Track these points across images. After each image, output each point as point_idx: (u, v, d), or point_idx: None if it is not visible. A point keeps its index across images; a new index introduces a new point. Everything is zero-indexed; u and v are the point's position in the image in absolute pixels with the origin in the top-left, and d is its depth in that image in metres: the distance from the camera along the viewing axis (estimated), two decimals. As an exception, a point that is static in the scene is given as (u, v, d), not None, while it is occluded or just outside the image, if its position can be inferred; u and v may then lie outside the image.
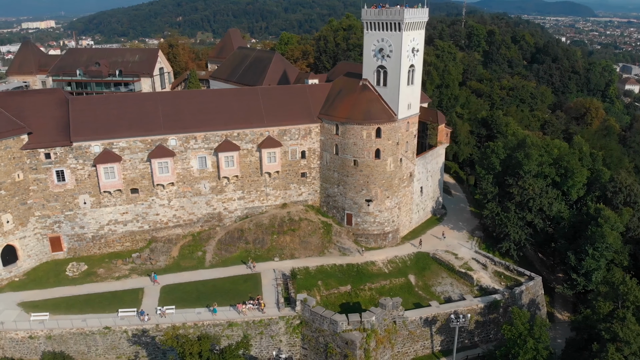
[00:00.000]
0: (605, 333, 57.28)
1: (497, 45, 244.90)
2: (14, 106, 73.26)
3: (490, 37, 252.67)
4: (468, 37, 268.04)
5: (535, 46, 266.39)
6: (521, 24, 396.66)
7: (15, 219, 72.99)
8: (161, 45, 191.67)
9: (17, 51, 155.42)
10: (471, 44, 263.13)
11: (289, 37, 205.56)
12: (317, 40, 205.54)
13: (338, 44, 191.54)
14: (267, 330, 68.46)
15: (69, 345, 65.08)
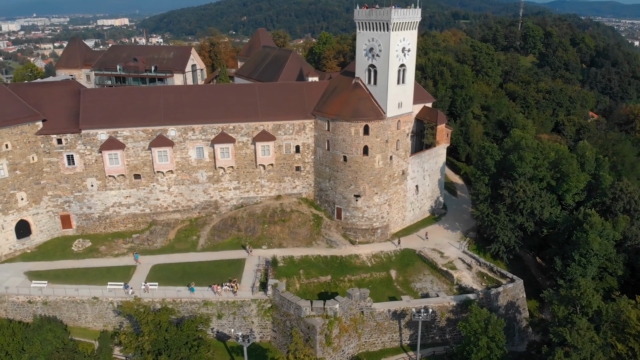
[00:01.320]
0: (554, 337, 57.20)
1: (553, 47, 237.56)
2: (32, 96, 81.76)
3: (547, 39, 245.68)
4: (523, 38, 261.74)
5: (596, 49, 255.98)
6: (590, 26, 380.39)
7: (29, 197, 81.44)
8: (203, 43, 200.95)
9: (65, 47, 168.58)
10: (526, 46, 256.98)
11: (327, 37, 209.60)
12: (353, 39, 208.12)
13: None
14: (240, 312, 72.76)
15: (62, 311, 72.24)
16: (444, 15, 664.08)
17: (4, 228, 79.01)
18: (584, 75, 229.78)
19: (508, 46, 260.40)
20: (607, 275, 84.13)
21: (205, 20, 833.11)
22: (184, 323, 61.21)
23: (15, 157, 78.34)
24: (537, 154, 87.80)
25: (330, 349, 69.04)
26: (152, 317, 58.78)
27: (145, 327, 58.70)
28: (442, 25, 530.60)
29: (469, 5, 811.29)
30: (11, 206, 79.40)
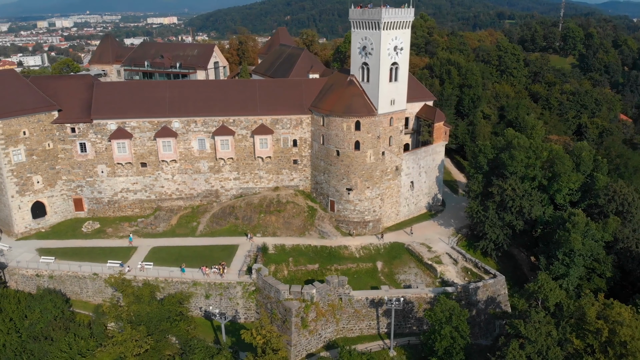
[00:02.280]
0: (510, 328, 58.89)
1: (594, 49, 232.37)
2: (50, 88, 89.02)
3: (587, 40, 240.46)
4: (563, 39, 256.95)
5: (639, 52, 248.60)
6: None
7: (45, 180, 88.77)
8: (232, 42, 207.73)
9: (98, 43, 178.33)
10: (566, 47, 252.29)
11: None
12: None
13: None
14: (226, 293, 77.40)
15: (66, 285, 78.88)
16: (489, 14, 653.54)
17: (20, 208, 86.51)
18: (624, 78, 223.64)
19: (547, 47, 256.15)
20: (595, 277, 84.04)
21: (249, 19, 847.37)
22: (165, 298, 66.37)
23: (32, 143, 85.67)
24: (529, 153, 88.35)
25: (306, 331, 72.68)
26: (132, 290, 64.17)
27: (125, 298, 64.20)
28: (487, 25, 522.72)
29: (516, 5, 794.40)
30: (28, 188, 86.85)
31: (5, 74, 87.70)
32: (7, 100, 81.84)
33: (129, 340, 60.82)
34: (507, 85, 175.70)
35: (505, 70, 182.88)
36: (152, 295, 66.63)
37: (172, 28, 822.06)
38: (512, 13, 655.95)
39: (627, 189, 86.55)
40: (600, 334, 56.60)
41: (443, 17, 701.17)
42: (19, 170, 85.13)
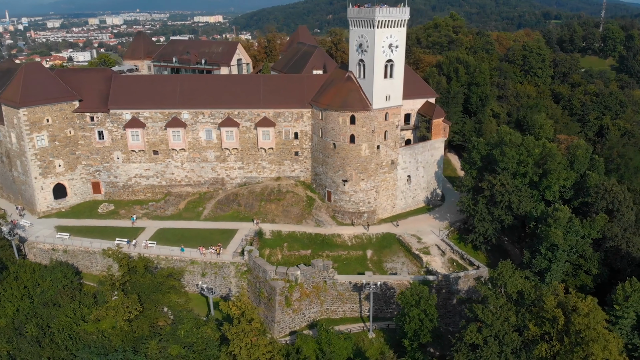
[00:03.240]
0: (469, 312, 61.98)
1: (634, 50, 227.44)
2: (73, 80, 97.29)
3: (628, 41, 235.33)
4: (603, 40, 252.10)
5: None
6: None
7: (66, 164, 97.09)
8: (260, 40, 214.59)
9: (132, 40, 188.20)
10: (605, 48, 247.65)
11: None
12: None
13: (420, 40, 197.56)
14: (221, 272, 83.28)
15: (78, 259, 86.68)
16: (534, 14, 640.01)
17: (43, 189, 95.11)
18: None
19: (586, 48, 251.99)
20: (581, 273, 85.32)
21: (292, 18, 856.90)
22: (158, 272, 72.73)
23: (54, 130, 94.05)
24: (521, 150, 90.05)
25: (290, 310, 77.64)
26: (126, 261, 70.84)
27: (120, 269, 70.96)
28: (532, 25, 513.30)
29: (565, 5, 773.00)
30: (50, 171, 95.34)
31: (32, 67, 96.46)
32: (33, 90, 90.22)
33: (120, 305, 67.48)
34: (529, 85, 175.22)
35: (529, 70, 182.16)
36: (146, 268, 73.07)
37: (217, 26, 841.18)
38: (558, 13, 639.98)
39: (619, 188, 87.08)
40: (556, 321, 58.94)
41: (487, 16, 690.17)
42: (42, 154, 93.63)
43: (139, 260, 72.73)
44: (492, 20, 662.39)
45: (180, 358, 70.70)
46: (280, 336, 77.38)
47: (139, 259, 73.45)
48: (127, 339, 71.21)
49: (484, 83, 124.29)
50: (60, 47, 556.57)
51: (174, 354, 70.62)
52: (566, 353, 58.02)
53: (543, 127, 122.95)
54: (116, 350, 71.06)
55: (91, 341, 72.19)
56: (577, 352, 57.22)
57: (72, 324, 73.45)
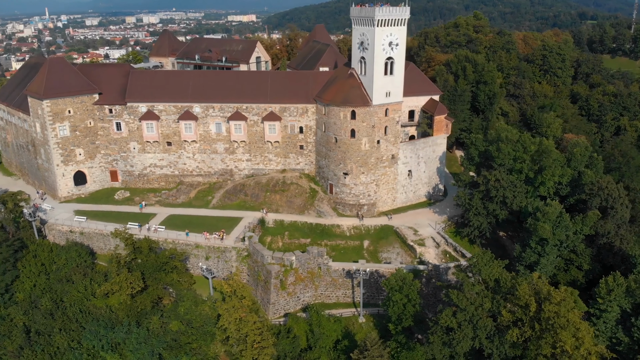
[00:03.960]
0: (445, 297, 65.08)
1: None
2: (94, 74, 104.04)
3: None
4: (634, 41, 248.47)
5: None
6: None
7: (86, 153, 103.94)
8: (282, 38, 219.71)
9: (157, 38, 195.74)
10: (636, 49, 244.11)
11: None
12: (419, 35, 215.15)
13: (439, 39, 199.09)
14: (223, 256, 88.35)
15: (93, 241, 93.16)
16: (569, 14, 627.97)
17: (64, 175, 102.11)
18: None
19: (616, 49, 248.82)
20: (573, 268, 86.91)
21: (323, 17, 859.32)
22: (161, 252, 78.22)
23: (75, 120, 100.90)
24: (517, 146, 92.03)
25: (284, 292, 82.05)
26: (131, 241, 76.54)
27: (126, 248, 76.72)
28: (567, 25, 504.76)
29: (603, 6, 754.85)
30: (71, 159, 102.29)
31: (56, 61, 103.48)
32: (56, 83, 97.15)
33: (124, 281, 73.17)
34: (547, 85, 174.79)
35: (548, 70, 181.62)
36: (150, 249, 78.58)
37: (250, 25, 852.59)
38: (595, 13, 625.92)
39: (613, 185, 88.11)
40: (528, 308, 61.53)
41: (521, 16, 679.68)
42: (63, 143, 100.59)
43: (143, 241, 78.35)
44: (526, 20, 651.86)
45: (180, 333, 75.96)
46: (274, 317, 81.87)
47: (143, 240, 79.02)
48: (132, 314, 76.94)
49: (491, 81, 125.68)
50: (98, 45, 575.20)
51: (174, 329, 75.94)
52: (536, 339, 60.51)
53: (550, 126, 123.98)
54: (122, 324, 76.85)
55: (99, 315, 78.21)
56: (545, 338, 59.73)
57: (83, 299, 79.67)
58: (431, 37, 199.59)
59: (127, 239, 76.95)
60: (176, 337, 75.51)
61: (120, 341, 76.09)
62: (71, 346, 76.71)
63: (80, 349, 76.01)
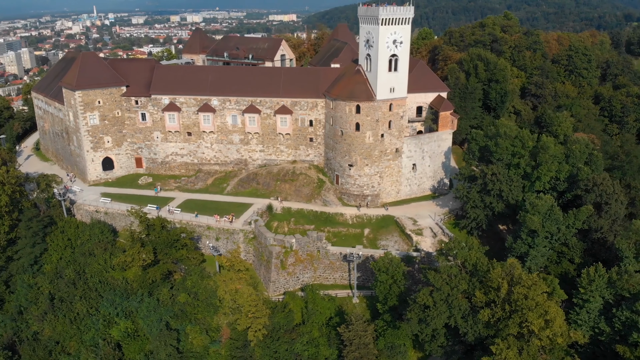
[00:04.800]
0: (423, 276, 69.68)
1: None
2: (122, 68, 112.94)
3: None
4: None
5: None
6: None
7: (114, 141, 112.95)
8: (310, 37, 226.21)
9: (190, 36, 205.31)
10: None
11: (427, 33, 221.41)
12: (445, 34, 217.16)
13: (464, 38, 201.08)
14: (231, 237, 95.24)
15: (116, 220, 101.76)
16: (615, 16, 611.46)
17: (93, 161, 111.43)
18: None
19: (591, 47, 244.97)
20: (565, 261, 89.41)
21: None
22: (172, 230, 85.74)
23: (104, 110, 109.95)
24: (515, 142, 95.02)
25: (285, 272, 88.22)
26: (144, 219, 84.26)
27: (140, 225, 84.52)
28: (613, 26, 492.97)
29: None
30: (100, 146, 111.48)
31: (88, 56, 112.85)
32: (87, 76, 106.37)
33: (136, 254, 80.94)
34: (570, 85, 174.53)
35: (573, 71, 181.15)
36: (163, 227, 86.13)
37: (289, 25, 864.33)
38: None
39: (609, 182, 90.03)
40: (500, 290, 65.56)
41: (565, 16, 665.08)
42: (93, 131, 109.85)
43: (156, 220, 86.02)
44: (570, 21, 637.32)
45: (187, 304, 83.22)
46: (275, 294, 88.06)
47: (156, 218, 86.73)
48: (144, 285, 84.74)
49: (503, 80, 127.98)
50: (142, 43, 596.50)
51: (181, 301, 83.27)
52: (505, 319, 64.47)
53: (561, 125, 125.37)
54: (135, 294, 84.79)
55: (116, 286, 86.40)
56: (513, 319, 63.63)
57: (102, 271, 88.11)
58: (456, 36, 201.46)
59: (141, 216, 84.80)
60: (183, 307, 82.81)
61: (133, 309, 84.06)
62: (90, 312, 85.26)
63: (98, 315, 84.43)
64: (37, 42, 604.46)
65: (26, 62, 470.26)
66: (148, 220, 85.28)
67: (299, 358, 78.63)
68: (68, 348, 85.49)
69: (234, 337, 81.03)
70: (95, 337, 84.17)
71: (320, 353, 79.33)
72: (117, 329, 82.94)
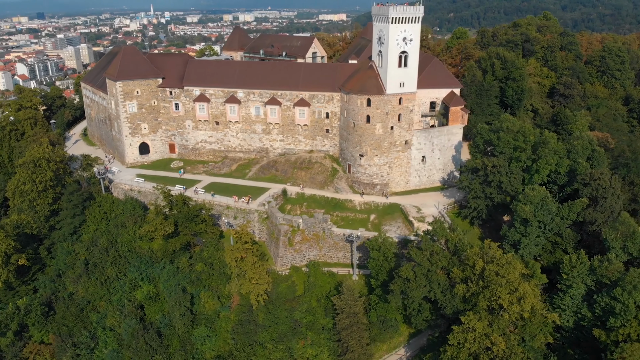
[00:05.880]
0: (407, 253, 76.15)
1: None
2: (159, 62, 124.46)
3: None
4: None
5: None
6: None
7: (150, 128, 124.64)
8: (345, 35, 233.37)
9: (230, 34, 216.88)
10: None
11: (462, 32, 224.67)
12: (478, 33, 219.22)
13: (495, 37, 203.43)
14: (247, 216, 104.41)
15: (147, 198, 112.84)
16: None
17: (131, 145, 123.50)
18: None
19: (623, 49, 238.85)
20: (558, 250, 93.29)
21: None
22: (192, 206, 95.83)
23: (142, 100, 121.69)
24: (517, 136, 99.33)
25: (292, 249, 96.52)
26: (168, 195, 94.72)
27: (164, 200, 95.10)
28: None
29: None
30: (137, 132, 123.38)
31: (129, 50, 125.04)
32: (128, 68, 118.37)
33: (158, 224, 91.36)
34: (600, 86, 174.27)
35: (606, 72, 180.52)
36: (184, 203, 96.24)
37: (339, 24, 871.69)
38: None
39: (607, 177, 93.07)
40: (475, 267, 71.39)
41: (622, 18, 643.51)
42: (132, 118, 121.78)
43: (178, 196, 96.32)
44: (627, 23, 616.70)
45: (203, 272, 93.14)
46: (282, 269, 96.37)
47: (179, 195, 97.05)
48: (166, 254, 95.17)
49: (520, 78, 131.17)
50: (195, 41, 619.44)
51: (198, 269, 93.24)
52: (478, 294, 70.25)
53: (576, 123, 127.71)
54: (159, 262, 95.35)
55: (143, 254, 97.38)
56: (484, 293, 69.32)
57: (131, 241, 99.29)
58: (488, 35, 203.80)
59: (165, 193, 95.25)
60: (199, 275, 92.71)
61: (155, 275, 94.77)
62: (118, 276, 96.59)
63: (125, 279, 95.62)
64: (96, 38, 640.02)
65: (84, 57, 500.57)
66: (171, 197, 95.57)
67: (298, 324, 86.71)
68: (98, 307, 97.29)
69: (242, 303, 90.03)
70: (121, 298, 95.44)
71: (317, 321, 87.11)
72: (140, 291, 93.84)
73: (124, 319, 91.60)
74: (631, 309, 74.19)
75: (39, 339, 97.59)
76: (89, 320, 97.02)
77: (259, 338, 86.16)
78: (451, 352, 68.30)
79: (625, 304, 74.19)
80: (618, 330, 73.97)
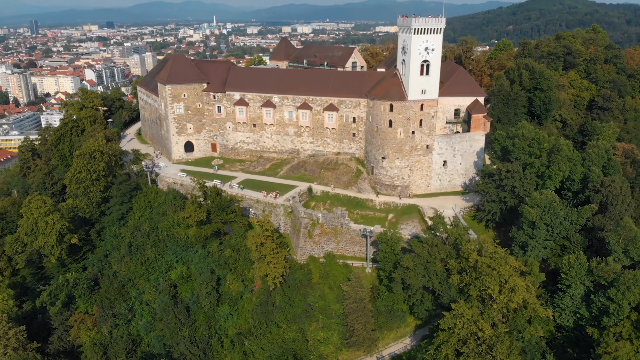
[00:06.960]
0: (408, 246, 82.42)
1: None
2: (204, 68, 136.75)
3: None
4: None
5: None
6: None
7: (194, 128, 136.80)
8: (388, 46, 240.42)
9: (277, 44, 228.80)
10: None
11: (506, 44, 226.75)
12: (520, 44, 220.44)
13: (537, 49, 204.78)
14: (274, 210, 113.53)
15: (188, 190, 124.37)
16: None
17: (177, 143, 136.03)
18: None
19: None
20: (566, 254, 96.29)
21: (469, 28, 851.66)
22: (223, 197, 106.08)
23: (188, 102, 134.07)
24: (532, 143, 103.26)
25: (311, 241, 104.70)
26: (202, 186, 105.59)
27: (199, 190, 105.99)
28: None
29: None
30: (183, 131, 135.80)
31: (178, 57, 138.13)
32: (176, 73, 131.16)
33: (193, 211, 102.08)
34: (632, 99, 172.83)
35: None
36: (217, 194, 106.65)
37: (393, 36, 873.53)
38: None
39: (616, 184, 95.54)
40: (469, 259, 76.99)
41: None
42: (179, 119, 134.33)
43: (212, 189, 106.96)
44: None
45: (231, 258, 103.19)
46: (302, 258, 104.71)
47: (212, 187, 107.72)
48: (199, 240, 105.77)
49: (547, 89, 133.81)
50: (254, 52, 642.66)
51: (226, 255, 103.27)
52: (469, 284, 75.76)
53: (603, 134, 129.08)
54: (193, 247, 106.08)
55: (179, 239, 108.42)
56: (475, 283, 74.77)
57: (170, 227, 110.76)
58: (530, 47, 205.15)
59: (200, 184, 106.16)
60: (227, 260, 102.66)
61: (189, 258, 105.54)
62: (157, 258, 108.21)
63: (162, 260, 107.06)
64: (161, 47, 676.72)
65: (149, 65, 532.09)
66: (205, 187, 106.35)
67: (311, 308, 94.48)
68: (137, 284, 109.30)
69: (263, 287, 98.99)
70: (158, 277, 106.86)
71: (329, 306, 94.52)
72: (175, 272, 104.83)
73: (159, 295, 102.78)
74: (625, 309, 77.30)
75: (84, 309, 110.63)
76: (129, 295, 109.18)
77: (275, 318, 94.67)
78: (442, 337, 73.90)
79: (620, 304, 77.41)
80: (610, 329, 77.13)
